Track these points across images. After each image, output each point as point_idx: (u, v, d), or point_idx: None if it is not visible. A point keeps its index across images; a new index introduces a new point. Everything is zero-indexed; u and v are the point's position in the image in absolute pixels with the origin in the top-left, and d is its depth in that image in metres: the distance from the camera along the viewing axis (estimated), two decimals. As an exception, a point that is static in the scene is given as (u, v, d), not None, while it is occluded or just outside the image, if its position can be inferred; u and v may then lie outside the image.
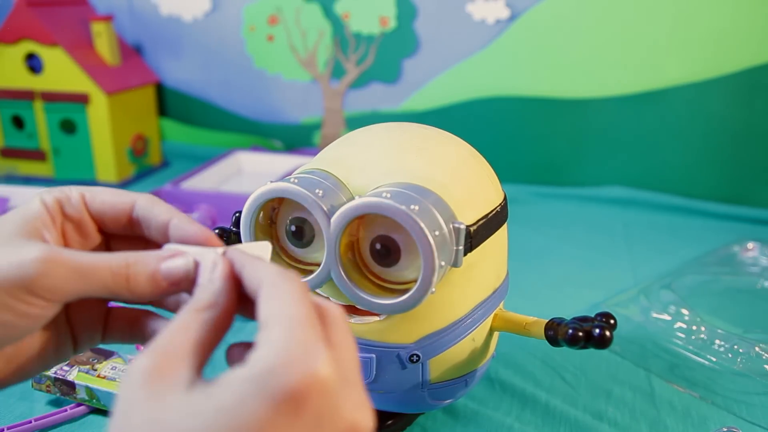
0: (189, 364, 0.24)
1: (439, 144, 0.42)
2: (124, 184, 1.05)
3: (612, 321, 0.40)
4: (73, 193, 0.31)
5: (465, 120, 1.07)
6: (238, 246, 0.29)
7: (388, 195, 0.35)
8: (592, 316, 0.41)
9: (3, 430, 0.46)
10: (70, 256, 0.27)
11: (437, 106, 1.08)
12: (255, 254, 0.28)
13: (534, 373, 0.56)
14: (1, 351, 0.28)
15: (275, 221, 0.41)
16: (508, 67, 1.02)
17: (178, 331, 0.25)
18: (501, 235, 0.43)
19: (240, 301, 0.28)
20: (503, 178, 0.47)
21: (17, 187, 0.91)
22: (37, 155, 1.05)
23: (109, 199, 0.31)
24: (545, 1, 0.98)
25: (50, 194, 0.30)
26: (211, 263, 0.28)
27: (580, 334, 0.39)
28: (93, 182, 1.05)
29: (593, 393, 0.54)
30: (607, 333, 0.38)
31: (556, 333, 0.40)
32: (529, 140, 1.06)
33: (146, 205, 0.31)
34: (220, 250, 0.29)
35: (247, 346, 0.27)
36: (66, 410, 0.48)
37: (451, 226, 0.36)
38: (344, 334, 0.26)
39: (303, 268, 0.41)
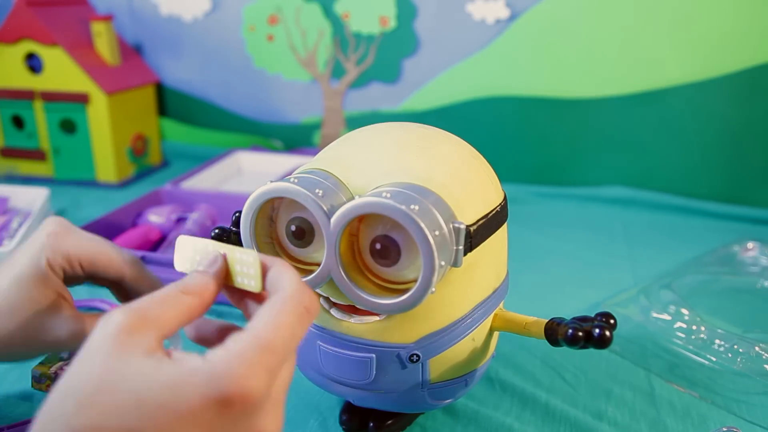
0: (156, 334, 0.28)
1: (439, 144, 0.42)
2: (124, 184, 1.05)
3: (612, 321, 0.40)
4: (74, 263, 0.41)
5: (465, 120, 1.07)
6: (233, 249, 0.33)
7: (388, 195, 0.35)
8: (592, 316, 0.41)
9: (3, 429, 0.46)
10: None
11: (437, 106, 1.08)
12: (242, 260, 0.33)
13: (534, 373, 0.56)
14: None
15: (275, 221, 0.41)
16: (508, 67, 1.02)
17: (161, 303, 0.29)
18: (501, 235, 0.43)
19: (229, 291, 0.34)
20: (503, 178, 0.47)
21: (17, 186, 0.91)
22: (37, 155, 1.05)
23: (102, 265, 0.42)
24: (545, 1, 0.98)
25: (55, 259, 0.40)
26: (213, 257, 0.33)
27: (580, 334, 0.39)
28: (93, 182, 1.05)
29: (593, 393, 0.54)
30: (607, 333, 0.38)
31: (556, 333, 0.40)
32: (529, 140, 1.06)
33: (133, 278, 0.42)
34: (222, 249, 0.34)
35: (222, 329, 0.34)
36: (66, 410, 0.48)
37: (451, 225, 0.36)
38: (291, 365, 0.31)
39: (303, 267, 0.41)
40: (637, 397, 0.53)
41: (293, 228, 0.40)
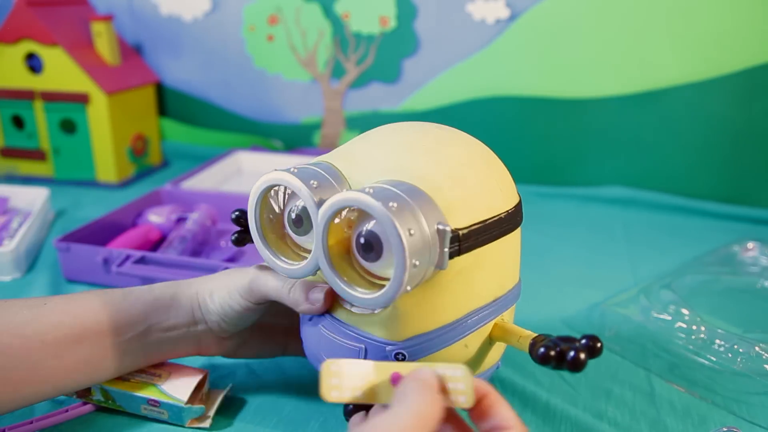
0: None
1: (450, 145, 0.42)
2: (124, 184, 1.05)
3: (599, 344, 0.37)
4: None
5: (465, 120, 1.07)
6: (435, 366, 0.34)
7: (371, 191, 0.36)
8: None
9: (4, 430, 0.46)
10: (264, 280, 0.45)
11: (437, 106, 1.08)
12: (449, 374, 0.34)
13: (534, 373, 0.56)
14: (239, 334, 0.50)
15: (283, 208, 0.43)
16: (508, 67, 1.02)
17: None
18: (507, 243, 0.42)
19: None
20: (503, 178, 0.47)
21: (17, 186, 0.91)
22: (37, 155, 1.05)
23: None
24: (545, 1, 0.98)
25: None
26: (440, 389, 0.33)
27: (552, 354, 0.37)
28: (93, 182, 1.05)
29: (593, 393, 0.54)
30: (582, 356, 0.36)
31: (532, 350, 0.39)
32: (529, 140, 1.06)
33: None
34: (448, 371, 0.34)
35: None
36: (67, 410, 0.48)
37: (435, 227, 0.36)
38: None
39: (302, 254, 0.43)
40: (637, 397, 0.53)
41: (294, 215, 0.42)
